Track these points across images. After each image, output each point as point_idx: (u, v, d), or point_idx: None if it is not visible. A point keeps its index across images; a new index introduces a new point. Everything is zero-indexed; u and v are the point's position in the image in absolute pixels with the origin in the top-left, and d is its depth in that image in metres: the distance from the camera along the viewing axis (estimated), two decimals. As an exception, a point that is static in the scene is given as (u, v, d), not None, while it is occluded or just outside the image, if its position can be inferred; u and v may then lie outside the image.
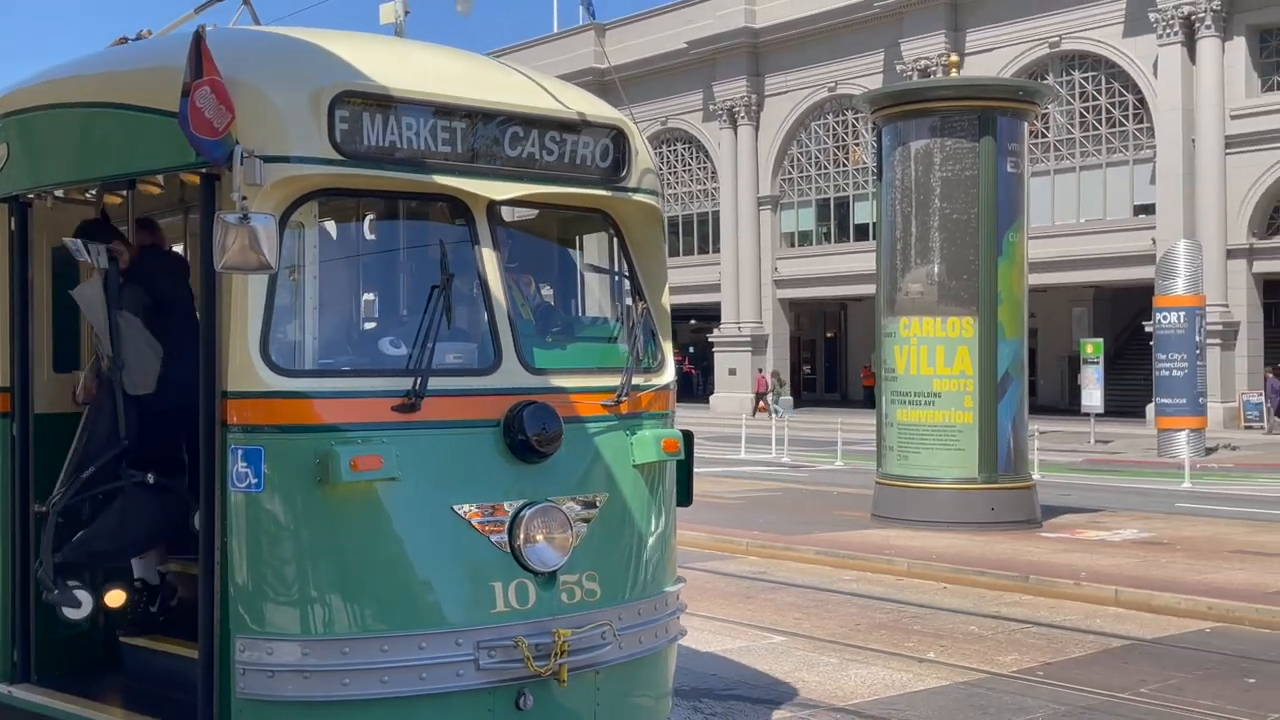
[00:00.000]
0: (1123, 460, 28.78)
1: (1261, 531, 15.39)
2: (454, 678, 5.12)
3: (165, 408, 6.02)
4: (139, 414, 5.91)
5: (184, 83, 4.93)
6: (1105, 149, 41.09)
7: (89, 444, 5.94)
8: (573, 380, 5.71)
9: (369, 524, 5.14)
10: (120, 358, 5.85)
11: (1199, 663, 9.18)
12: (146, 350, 6.06)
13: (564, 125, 5.86)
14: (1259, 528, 15.90)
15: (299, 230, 5.34)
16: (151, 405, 6.02)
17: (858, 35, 46.30)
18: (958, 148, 15.59)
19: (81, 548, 5.90)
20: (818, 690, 8.26)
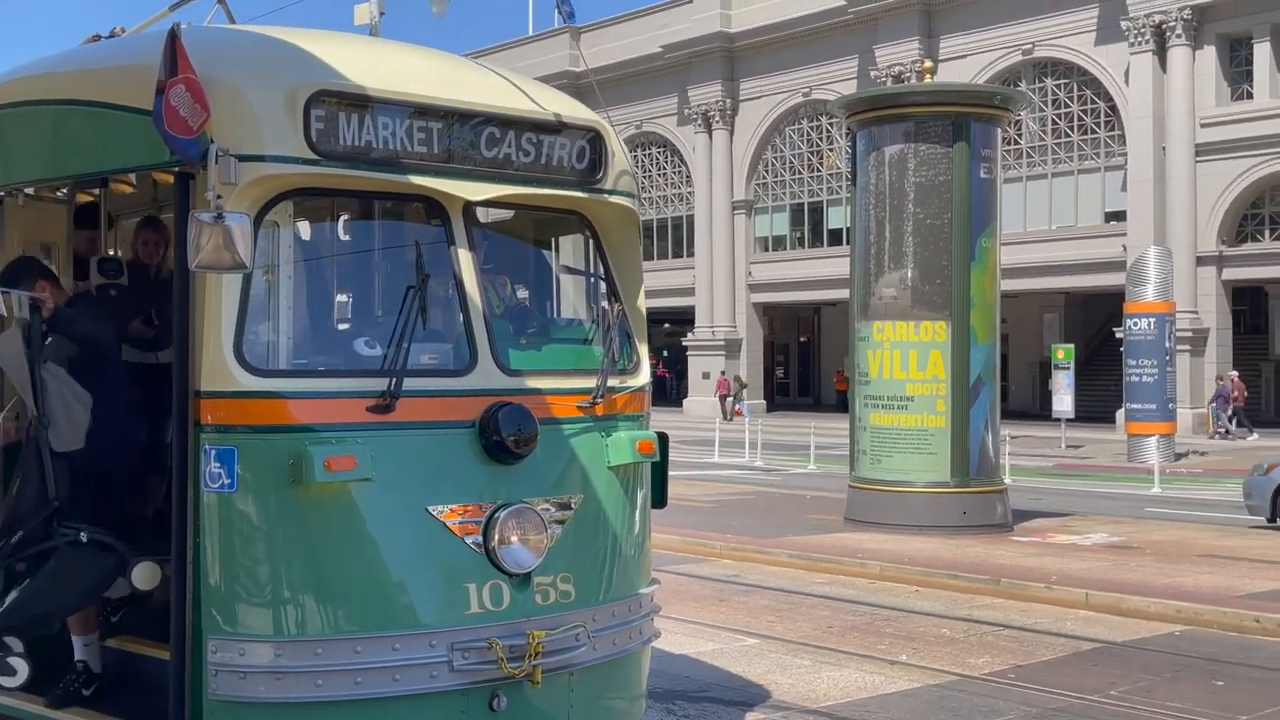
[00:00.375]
0: (1093, 465, 28.98)
1: (1229, 536, 15.50)
2: (428, 679, 5.10)
3: (97, 463, 5.77)
4: (69, 470, 5.64)
5: (159, 80, 4.89)
6: (1077, 156, 41.32)
7: (17, 505, 5.73)
8: (548, 382, 5.70)
9: (343, 525, 5.11)
10: (45, 414, 5.59)
11: (1168, 665, 9.23)
12: (75, 405, 5.70)
13: (540, 127, 5.85)
14: (1227, 532, 16.01)
15: (274, 230, 5.32)
16: (82, 460, 5.74)
17: (832, 41, 46.43)
18: (931, 153, 15.65)
19: (15, 614, 5.64)
20: (790, 692, 8.27)
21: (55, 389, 5.65)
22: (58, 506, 5.57)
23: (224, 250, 4.75)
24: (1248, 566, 12.83)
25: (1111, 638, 10.15)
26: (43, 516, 5.57)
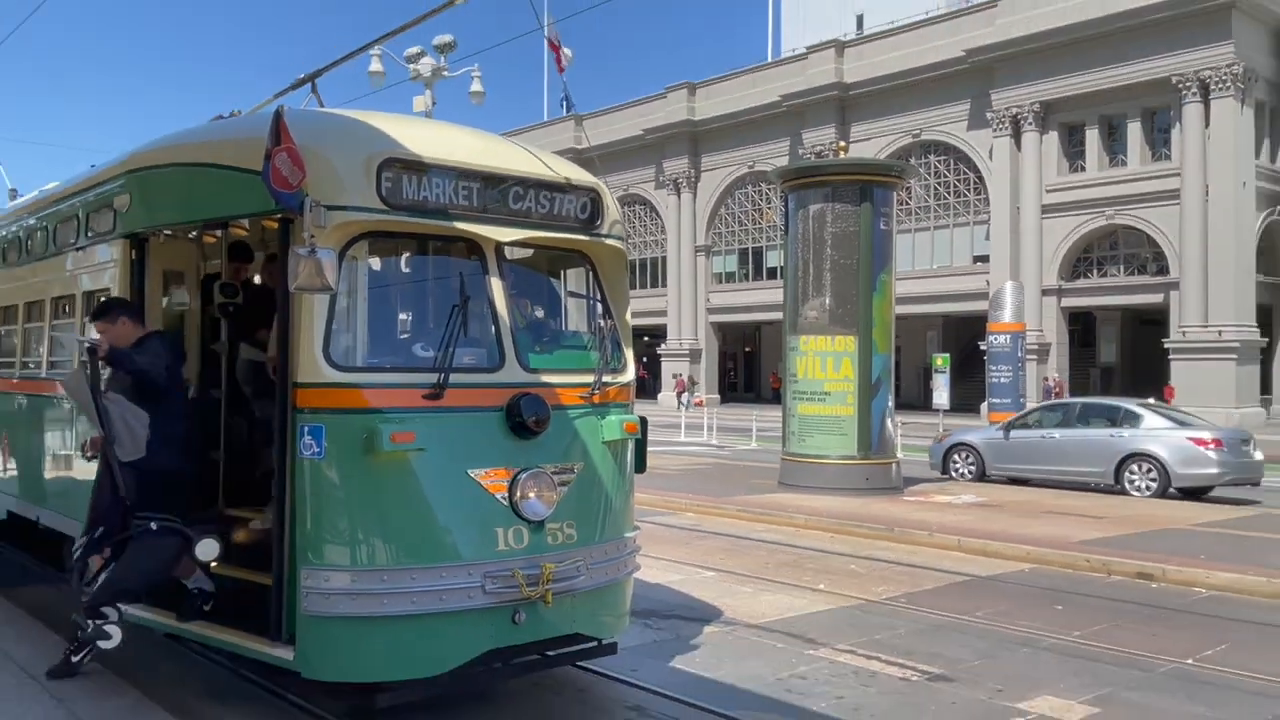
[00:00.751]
0: (964, 444, 28.98)
1: (1065, 498, 15.57)
2: (466, 599, 5.13)
3: (156, 466, 5.72)
4: (136, 474, 5.63)
5: (267, 148, 4.92)
6: (952, 213, 41.49)
7: (96, 506, 5.73)
8: (558, 378, 5.72)
9: (403, 483, 5.14)
10: (110, 433, 5.60)
11: (1020, 594, 9.28)
12: (134, 423, 5.69)
13: (554, 187, 5.89)
14: (1062, 494, 16.06)
15: (353, 262, 5.35)
16: (145, 465, 5.71)
17: (770, 127, 46.52)
18: (844, 210, 15.71)
19: (106, 590, 5.64)
20: (738, 612, 8.30)
21: (116, 412, 5.65)
22: (129, 504, 5.58)
23: (316, 277, 4.78)
24: (1078, 520, 12.90)
25: (977, 573, 10.20)
26: (118, 513, 5.60)
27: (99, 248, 6.74)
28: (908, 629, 7.86)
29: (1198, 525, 12.59)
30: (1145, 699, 6.27)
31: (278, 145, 4.93)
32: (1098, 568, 10.24)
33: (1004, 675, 6.69)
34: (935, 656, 7.08)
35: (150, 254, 6.36)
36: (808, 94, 44.19)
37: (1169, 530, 12.17)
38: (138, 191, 6.34)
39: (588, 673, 6.34)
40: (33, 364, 7.94)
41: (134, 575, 5.62)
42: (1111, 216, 36.13)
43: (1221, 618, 8.40)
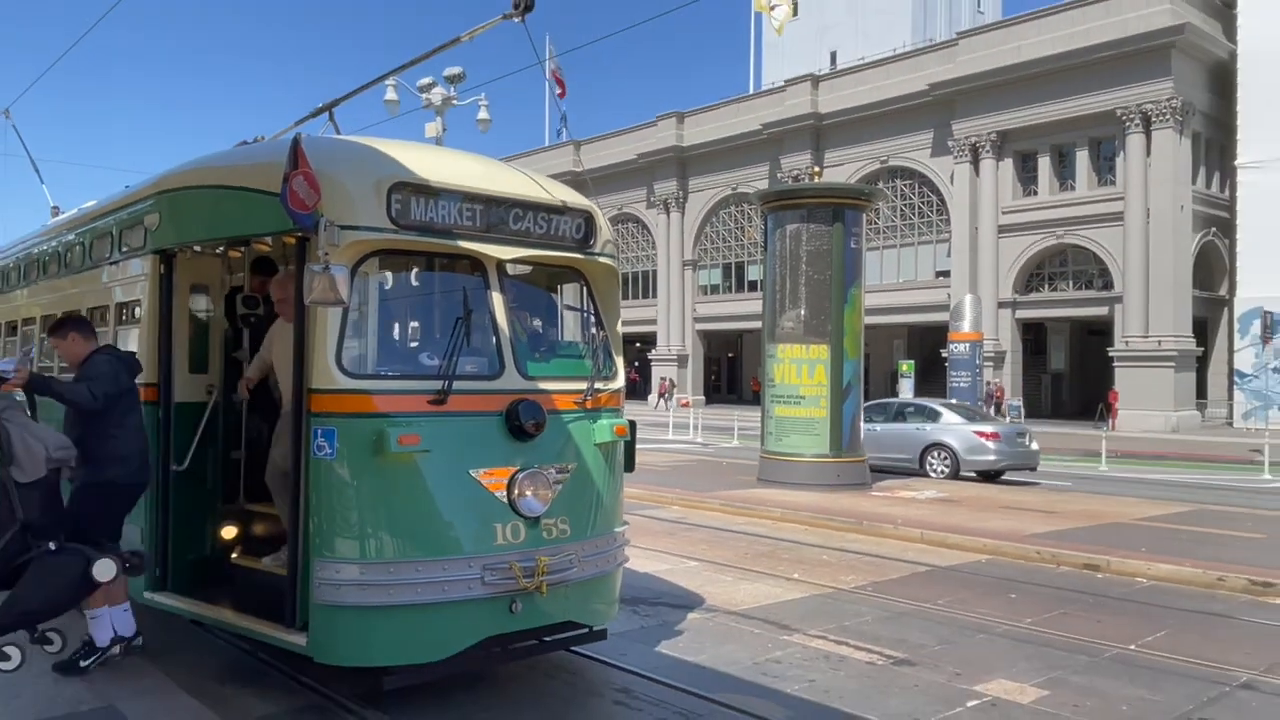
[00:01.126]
0: (927, 444, 29.00)
1: (1019, 493, 15.59)
2: (466, 590, 5.08)
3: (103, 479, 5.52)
4: (38, 495, 5.22)
5: (285, 172, 4.87)
6: (916, 232, 41.55)
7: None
8: (554, 385, 5.68)
9: (409, 482, 5.09)
10: (10, 453, 5.17)
11: (977, 583, 9.25)
12: (33, 444, 5.24)
13: (551, 209, 5.84)
14: (1017, 490, 16.10)
15: (364, 278, 5.30)
16: (91, 479, 5.51)
17: (752, 152, 46.57)
18: (818, 230, 15.71)
19: (9, 612, 5.13)
20: (719, 599, 8.25)
21: (16, 434, 5.20)
22: (24, 523, 5.12)
23: (329, 291, 4.74)
24: (1031, 515, 12.90)
25: (938, 563, 10.17)
26: (13, 532, 5.10)
27: (131, 262, 6.67)
28: (874, 616, 7.82)
29: (1140, 520, 12.59)
30: (1091, 682, 6.23)
31: (295, 169, 4.89)
32: (1048, 559, 10.22)
33: (962, 659, 6.65)
34: (899, 642, 7.04)
35: (178, 268, 6.29)
36: (786, 123, 44.27)
37: (1114, 525, 12.16)
38: (167, 211, 6.28)
39: (580, 657, 6.28)
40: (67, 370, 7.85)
41: (36, 598, 5.12)
42: (1061, 236, 36.25)
43: (1160, 606, 8.38)
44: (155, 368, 6.18)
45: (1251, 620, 7.95)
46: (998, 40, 37.15)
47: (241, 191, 5.71)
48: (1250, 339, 34.64)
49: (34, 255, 9.18)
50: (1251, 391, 34.88)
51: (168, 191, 6.31)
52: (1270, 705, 5.90)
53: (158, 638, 6.20)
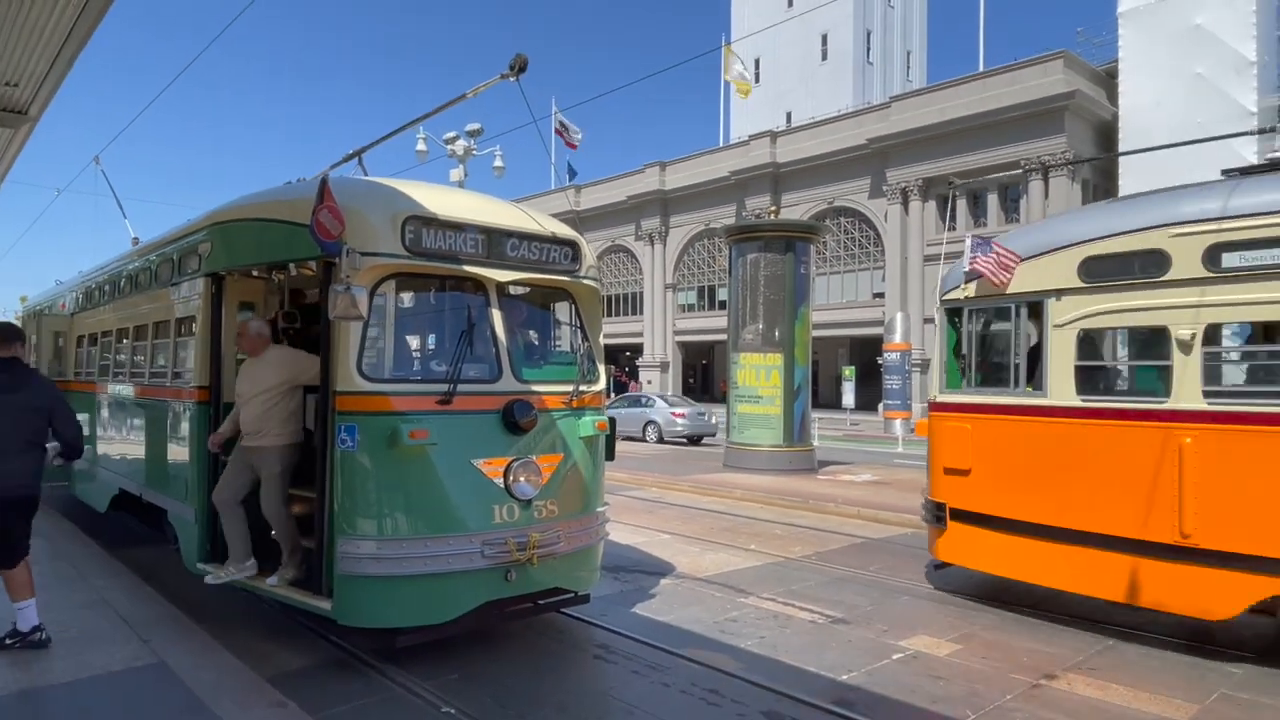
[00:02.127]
0: (864, 435, 28.93)
1: (940, 477, 15.45)
2: (468, 562, 4.94)
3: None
4: None
5: (314, 206, 4.72)
6: (857, 261, 41.51)
7: None
8: (545, 387, 5.53)
9: (419, 470, 4.94)
10: None
11: (906, 553, 9.09)
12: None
13: (543, 239, 5.71)
14: (939, 475, 15.96)
15: (382, 297, 5.14)
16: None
17: (722, 194, 46.43)
18: (774, 258, 15.58)
19: None
20: (687, 567, 8.09)
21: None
22: None
23: (351, 308, 4.59)
24: (950, 495, 12.76)
25: (872, 536, 10.02)
26: None
27: (187, 283, 6.50)
28: (816, 581, 7.68)
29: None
30: (998, 637, 6.10)
31: (321, 204, 4.75)
32: (963, 532, 10.08)
33: (890, 618, 6.52)
34: (837, 603, 6.90)
35: (226, 288, 6.13)
36: (750, 170, 44.18)
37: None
38: (218, 240, 6.12)
39: (567, 618, 6.13)
40: (138, 374, 7.67)
41: None
42: (976, 264, 36.25)
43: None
44: (207, 372, 6.02)
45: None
46: (924, 103, 37.21)
47: (279, 224, 5.56)
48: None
49: (112, 278, 8.99)
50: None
51: (219, 224, 6.15)
52: (1146, 655, 5.76)
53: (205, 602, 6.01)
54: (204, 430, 5.92)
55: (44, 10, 5.45)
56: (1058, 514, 6.07)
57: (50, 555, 7.31)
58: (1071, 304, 6.04)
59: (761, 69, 59.34)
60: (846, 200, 41.12)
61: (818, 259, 39.72)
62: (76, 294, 10.57)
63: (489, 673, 5.09)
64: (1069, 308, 6.06)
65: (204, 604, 6.12)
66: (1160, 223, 5.64)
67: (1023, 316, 6.41)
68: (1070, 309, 6.05)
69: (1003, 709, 4.79)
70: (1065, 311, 6.07)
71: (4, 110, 7.00)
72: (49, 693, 4.39)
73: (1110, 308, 5.85)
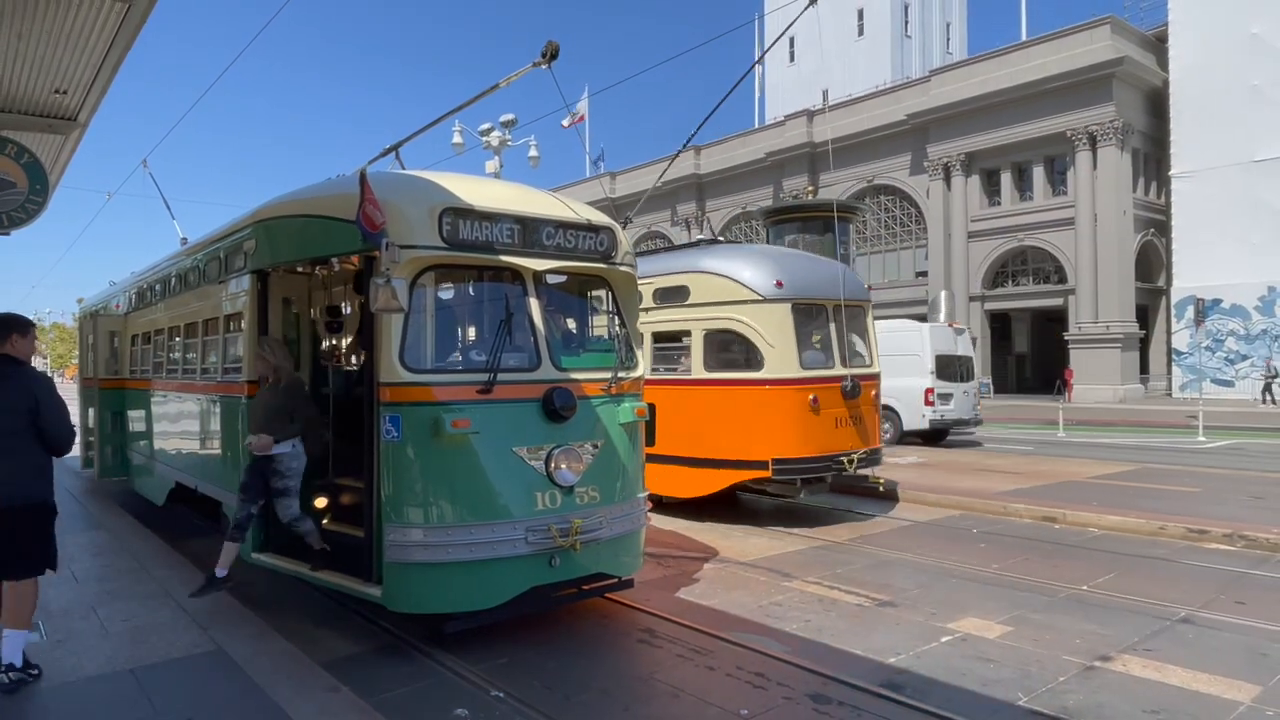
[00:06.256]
0: (910, 416, 28.53)
1: (988, 458, 15.21)
2: (512, 548, 5.00)
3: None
4: None
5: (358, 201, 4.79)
6: (899, 240, 40.86)
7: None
8: (584, 375, 5.56)
9: (462, 459, 5.01)
10: None
11: (952, 535, 8.99)
12: None
13: (579, 227, 5.72)
14: (987, 456, 15.71)
15: (422, 288, 5.21)
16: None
17: (758, 176, 46.02)
18: (813, 239, 15.43)
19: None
20: (730, 551, 8.09)
21: None
22: None
23: (392, 300, 4.66)
24: (998, 475, 12.56)
25: (918, 518, 9.91)
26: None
27: (234, 280, 6.65)
28: (862, 564, 7.62)
29: (1092, 478, 12.20)
30: (1049, 619, 6.00)
31: (364, 198, 4.82)
32: (1013, 513, 9.92)
33: (938, 601, 6.45)
34: (884, 586, 6.84)
35: (272, 284, 6.26)
36: (786, 151, 43.70)
37: (1070, 483, 11.79)
38: (263, 237, 6.24)
39: (610, 602, 6.17)
40: (190, 370, 7.88)
41: None
42: (1022, 239, 35.41)
43: (1109, 552, 8.08)
44: (253, 366, 6.15)
45: (1188, 563, 7.63)
46: (965, 75, 36.34)
47: (321, 219, 5.65)
48: (1185, 323, 33.63)
49: (162, 277, 9.23)
50: (1187, 367, 33.94)
51: (263, 221, 6.27)
52: (1204, 636, 5.63)
53: (261, 591, 6.18)
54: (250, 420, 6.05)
55: (88, 17, 5.60)
56: (687, 448, 9.22)
57: (114, 550, 7.57)
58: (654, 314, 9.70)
59: (796, 47, 58.55)
60: (886, 178, 40.44)
61: (858, 238, 39.15)
62: (129, 294, 10.88)
63: (535, 658, 5.16)
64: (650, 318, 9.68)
65: (260, 594, 6.29)
66: (682, 270, 9.78)
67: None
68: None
69: (1056, 691, 4.71)
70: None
71: (55, 118, 7.21)
72: (115, 677, 4.56)
73: (668, 317, 9.70)
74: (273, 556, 5.94)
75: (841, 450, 9.33)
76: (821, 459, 9.10)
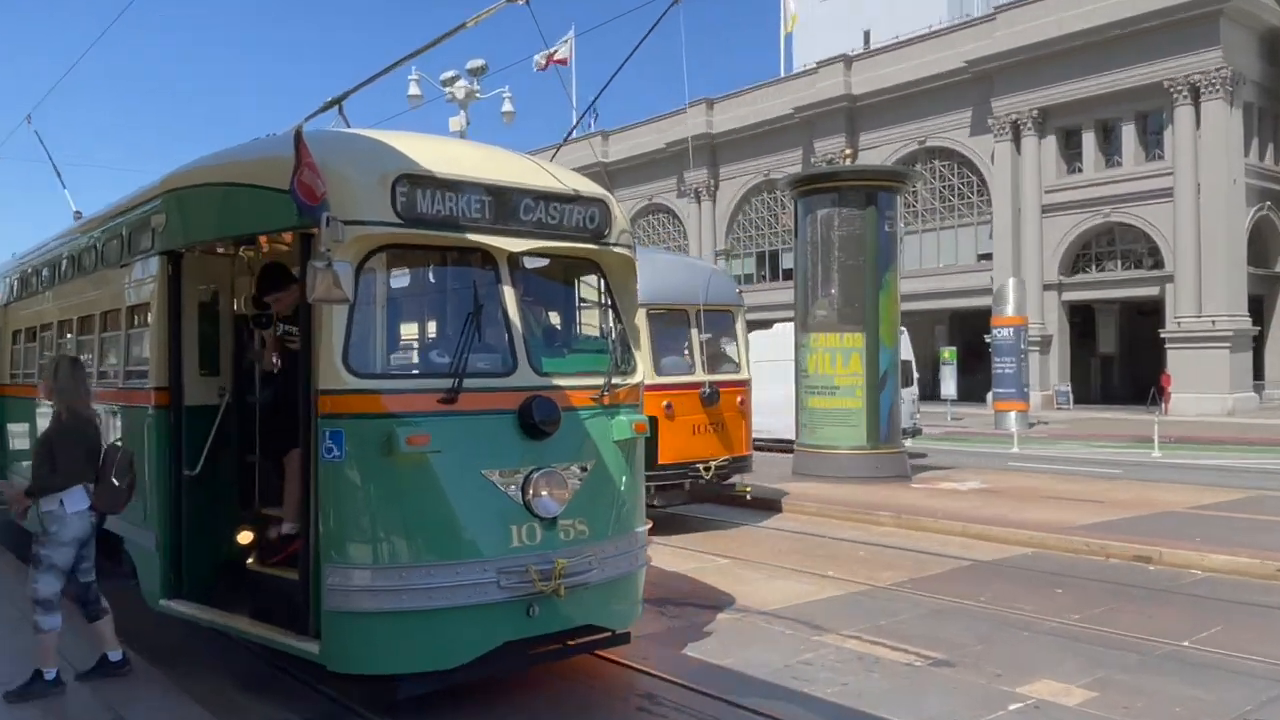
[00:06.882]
0: (969, 432, 28.57)
1: (1066, 482, 15.26)
2: (481, 594, 5.02)
3: None
4: None
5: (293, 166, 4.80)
6: (957, 214, 40.97)
7: None
8: (569, 381, 5.58)
9: (420, 483, 5.02)
10: None
11: (1021, 578, 9.03)
12: None
13: (563, 199, 5.74)
14: (1064, 479, 15.76)
15: (371, 273, 5.22)
16: None
17: (784, 137, 46.12)
18: (851, 214, 15.45)
19: None
20: (749, 598, 8.12)
21: None
22: None
23: (334, 289, 4.67)
24: (1079, 505, 12.60)
25: (980, 557, 9.96)
26: None
27: (139, 264, 6.68)
28: (911, 614, 7.65)
29: (1194, 509, 12.25)
30: (1141, 681, 6.03)
31: (301, 162, 4.83)
32: (1096, 551, 9.96)
33: (1004, 659, 6.47)
34: (937, 641, 6.86)
35: (186, 269, 6.27)
36: (818, 106, 43.80)
37: (1166, 514, 11.84)
38: (174, 210, 6.26)
39: (604, 661, 6.19)
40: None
41: None
42: (1108, 214, 35.51)
43: (1216, 599, 8.12)
44: (166, 371, 6.18)
45: (1313, 613, 7.68)
46: (1037, 13, 36.41)
47: (248, 189, 5.67)
48: (1311, 317, 33.80)
49: (51, 261, 9.25)
50: (1313, 372, 34.07)
51: (175, 191, 6.29)
52: (1334, 704, 5.65)
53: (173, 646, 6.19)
54: (164, 439, 6.08)
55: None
56: None
57: (-12, 593, 7.57)
58: None
59: (831, -21, 58.67)
60: (941, 139, 40.58)
61: (906, 213, 39.31)
62: (10, 281, 10.91)
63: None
64: None
65: (168, 648, 6.29)
66: None
67: None
68: None
69: (1148, 770, 4.74)
70: None
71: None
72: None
73: None
74: (187, 604, 5.95)
75: (699, 458, 10.90)
76: (677, 467, 10.62)
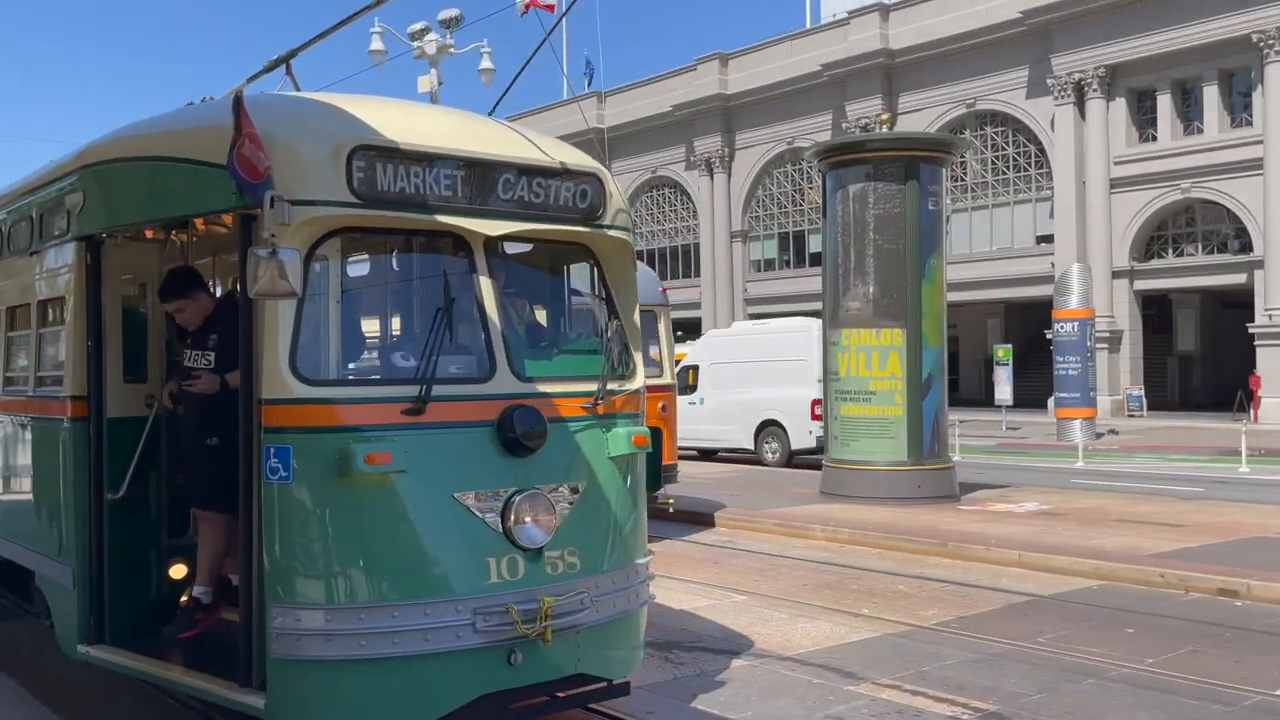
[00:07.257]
0: (1028, 444, 28.55)
1: (1139, 503, 15.23)
2: (454, 639, 4.95)
3: None
4: None
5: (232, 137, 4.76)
6: (1013, 189, 40.99)
7: None
8: (557, 386, 5.52)
9: (381, 509, 4.97)
10: None
11: (1087, 615, 8.99)
12: None
13: (548, 173, 5.68)
14: (1137, 499, 15.73)
15: (324, 262, 5.18)
16: None
17: (811, 99, 46.19)
18: (888, 190, 15.41)
19: None
20: (770, 641, 8.07)
21: None
22: None
23: (279, 280, 4.61)
24: (1154, 529, 12.56)
25: (1040, 591, 9.92)
26: None
27: (51, 251, 6.63)
28: (959, 659, 7.60)
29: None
30: (1229, 739, 5.99)
31: (241, 132, 4.79)
32: (1174, 583, 9.91)
33: (1067, 710, 6.43)
34: (990, 691, 6.82)
35: (106, 257, 6.23)
36: (850, 62, 43.82)
37: (1256, 539, 11.80)
38: (93, 189, 6.20)
39: (598, 716, 6.15)
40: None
41: None
42: (1187, 190, 35.52)
43: (1316, 641, 8.09)
44: (84, 377, 6.13)
45: None
46: (1105, -45, 36.44)
47: (179, 163, 5.61)
48: None
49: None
50: None
51: (93, 166, 6.23)
52: None
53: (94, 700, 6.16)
54: (82, 457, 6.04)
55: None
56: None
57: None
58: None
59: (864, -86, 58.67)
60: (993, 101, 40.62)
61: (954, 189, 39.36)
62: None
63: (488, 796, 5.13)
64: None
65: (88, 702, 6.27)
66: None
67: None
68: None
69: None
70: None
71: None
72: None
73: None
74: (110, 650, 5.90)
75: None
76: None
